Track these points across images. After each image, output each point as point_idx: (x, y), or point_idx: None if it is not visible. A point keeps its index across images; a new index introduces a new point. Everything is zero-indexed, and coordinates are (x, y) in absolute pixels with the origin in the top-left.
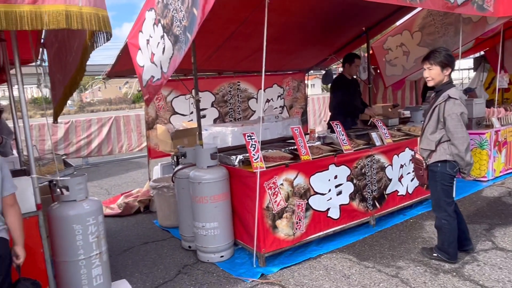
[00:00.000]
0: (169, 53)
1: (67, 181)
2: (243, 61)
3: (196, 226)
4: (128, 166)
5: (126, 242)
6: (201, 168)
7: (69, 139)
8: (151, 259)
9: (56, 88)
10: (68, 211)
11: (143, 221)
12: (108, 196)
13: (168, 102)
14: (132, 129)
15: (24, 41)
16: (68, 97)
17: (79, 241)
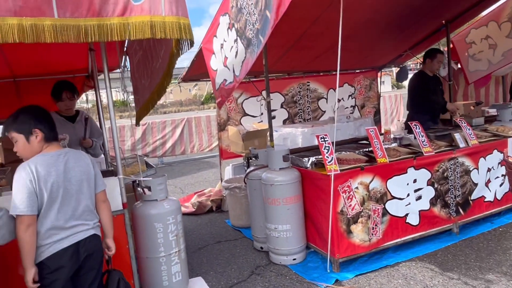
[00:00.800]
0: (242, 57)
1: (149, 181)
2: (313, 61)
3: (268, 227)
4: (199, 165)
5: (200, 240)
6: (273, 170)
7: (146, 140)
8: (224, 258)
9: (140, 93)
10: (150, 210)
11: (215, 220)
12: (182, 195)
13: (239, 104)
14: (203, 130)
15: (110, 50)
16: (155, 101)
17: (160, 239)
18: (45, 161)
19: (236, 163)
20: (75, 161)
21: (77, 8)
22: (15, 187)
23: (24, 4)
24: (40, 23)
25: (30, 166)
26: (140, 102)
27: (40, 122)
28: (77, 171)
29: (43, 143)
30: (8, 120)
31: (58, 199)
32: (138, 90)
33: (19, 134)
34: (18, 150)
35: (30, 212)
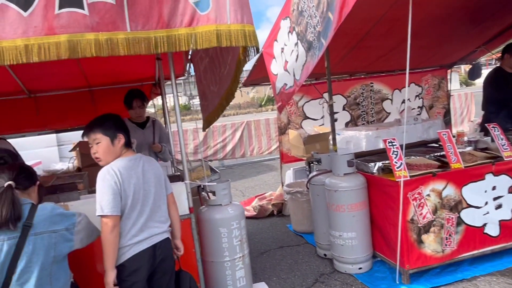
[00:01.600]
0: (302, 60)
1: (213, 186)
2: (377, 61)
3: (332, 234)
4: (259, 168)
5: (263, 245)
6: (337, 175)
7: (207, 143)
8: (287, 264)
9: (208, 99)
10: (215, 214)
11: (277, 225)
12: (243, 198)
13: (299, 107)
14: (262, 133)
15: (175, 58)
16: (224, 107)
17: (225, 243)
18: (126, 165)
19: (297, 167)
20: (149, 164)
21: (148, 21)
22: (101, 189)
23: (100, 20)
24: (114, 37)
25: (113, 169)
26: (209, 107)
27: (122, 129)
28: (151, 174)
29: (123, 148)
30: (94, 123)
31: (140, 201)
32: (207, 96)
33: (105, 137)
34: (100, 152)
35: (116, 213)
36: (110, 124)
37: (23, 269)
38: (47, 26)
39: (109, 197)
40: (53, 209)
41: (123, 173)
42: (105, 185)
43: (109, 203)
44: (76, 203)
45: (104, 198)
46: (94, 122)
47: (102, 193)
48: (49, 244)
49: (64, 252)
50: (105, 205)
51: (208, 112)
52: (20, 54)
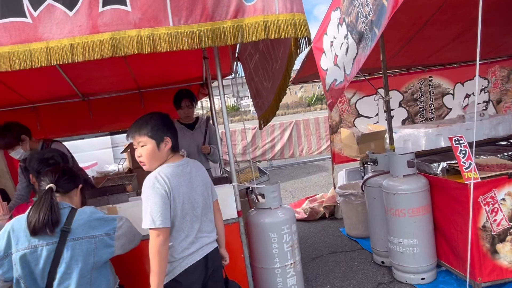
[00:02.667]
0: (353, 53)
1: (262, 188)
2: (437, 52)
3: (391, 241)
4: (309, 169)
5: (314, 249)
6: (396, 176)
7: (255, 144)
8: (341, 272)
9: (263, 96)
10: (264, 218)
11: (329, 228)
12: (292, 199)
13: (352, 104)
14: (312, 133)
15: (222, 57)
16: (278, 103)
17: (275, 249)
18: (174, 171)
19: (350, 168)
20: (197, 170)
21: (191, 14)
22: (149, 199)
23: (143, 16)
24: (156, 32)
25: (162, 176)
26: (265, 104)
27: (169, 131)
28: (199, 180)
29: (170, 152)
30: (138, 124)
31: (190, 210)
32: (261, 93)
33: (151, 140)
34: (144, 156)
35: (167, 225)
36: (157, 125)
37: (63, 275)
38: (91, 24)
39: (159, 208)
40: (92, 213)
41: (172, 180)
42: (154, 195)
43: (160, 214)
44: (125, 205)
45: (154, 208)
46: (139, 122)
47: (152, 203)
48: (88, 250)
49: (104, 258)
50: (156, 217)
51: (264, 110)
52: (66, 54)
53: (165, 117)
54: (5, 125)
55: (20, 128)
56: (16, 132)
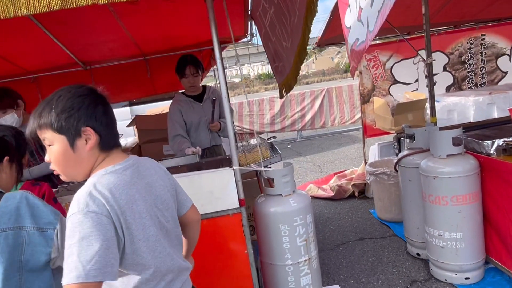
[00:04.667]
0: (379, 4)
1: (270, 172)
2: (492, 5)
3: (429, 233)
4: (340, 140)
5: (339, 234)
6: (437, 156)
7: (284, 113)
8: (369, 263)
9: (283, 58)
10: (273, 207)
11: (358, 209)
12: (320, 174)
13: (387, 69)
14: (345, 101)
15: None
16: (299, 65)
17: (286, 243)
18: (120, 180)
19: (383, 142)
20: (155, 172)
21: None
22: (76, 233)
23: None
24: None
25: (100, 192)
26: (286, 68)
27: (92, 116)
28: (159, 186)
29: (99, 151)
30: (38, 110)
31: (158, 235)
32: (280, 55)
33: (58, 135)
34: (53, 161)
35: (108, 277)
36: (66, 110)
37: None
38: None
39: (96, 248)
40: (22, 199)
41: (117, 196)
42: (89, 225)
43: (97, 259)
44: None
45: (85, 250)
46: (40, 107)
47: (81, 241)
48: (15, 245)
49: (40, 259)
50: (88, 263)
51: (285, 75)
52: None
53: (82, 93)
54: (2, 88)
55: (17, 93)
56: (13, 95)
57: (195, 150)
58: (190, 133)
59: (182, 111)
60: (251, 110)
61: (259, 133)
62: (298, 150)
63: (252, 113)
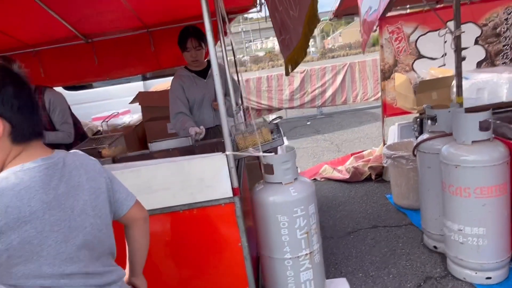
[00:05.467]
0: None
1: (269, 158)
2: None
3: (448, 226)
4: (362, 117)
5: (351, 220)
6: (461, 142)
7: (304, 89)
8: (380, 255)
9: (290, 30)
10: (271, 196)
11: (373, 193)
12: (338, 154)
13: (411, 42)
14: (368, 76)
15: None
16: (308, 37)
17: (284, 235)
18: (34, 180)
19: (404, 123)
20: (84, 172)
21: None
22: None
23: None
24: None
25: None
26: (293, 41)
27: (0, 100)
28: (88, 190)
29: (10, 143)
30: None
31: (75, 252)
32: (287, 27)
33: None
34: None
35: None
36: None
37: None
38: None
39: None
40: None
41: (27, 201)
42: None
43: None
44: None
45: None
46: None
47: None
48: None
49: None
50: None
51: (292, 49)
52: None
53: None
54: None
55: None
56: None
57: (199, 130)
58: (192, 111)
59: (184, 87)
60: (269, 85)
61: (278, 109)
62: (316, 127)
63: (270, 88)
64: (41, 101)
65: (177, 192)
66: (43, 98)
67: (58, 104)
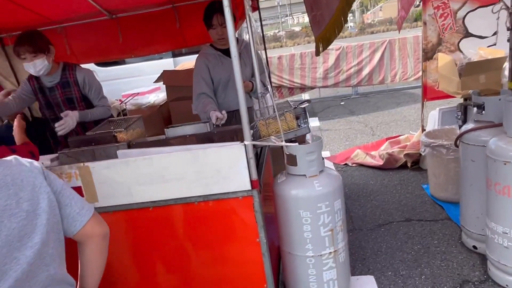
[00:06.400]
0: None
1: (293, 148)
2: None
3: (490, 227)
4: (400, 98)
5: (383, 212)
6: (511, 136)
7: (339, 67)
8: (413, 252)
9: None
10: (293, 189)
11: (408, 183)
12: (372, 137)
13: (458, 19)
14: (408, 54)
15: None
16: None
17: (307, 232)
18: None
19: (446, 108)
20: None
21: None
22: None
23: None
24: None
25: None
26: (325, 17)
27: None
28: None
29: None
30: None
31: None
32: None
33: None
34: None
35: None
36: None
37: None
38: None
39: None
40: None
41: None
42: None
43: None
44: (101, 164)
45: None
46: None
47: None
48: None
49: None
50: None
51: (324, 26)
52: None
53: None
54: (35, 31)
55: (48, 39)
56: (45, 39)
57: (220, 115)
58: (217, 92)
59: (209, 66)
60: (303, 62)
61: (311, 88)
62: (351, 108)
63: (304, 66)
64: (72, 78)
65: (191, 182)
66: (74, 75)
67: (92, 81)
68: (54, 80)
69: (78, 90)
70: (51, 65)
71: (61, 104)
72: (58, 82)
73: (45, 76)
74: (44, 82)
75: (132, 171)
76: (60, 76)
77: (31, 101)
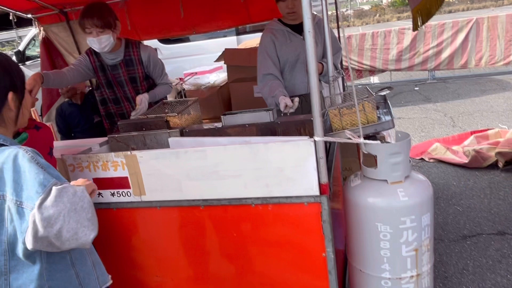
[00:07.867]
0: None
1: (373, 146)
2: None
3: None
4: (485, 85)
5: (469, 220)
6: None
7: (415, 48)
8: (508, 275)
9: None
10: (372, 197)
11: (500, 186)
12: (452, 129)
13: None
14: (498, 36)
15: None
16: None
17: (385, 250)
18: None
19: None
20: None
21: None
22: None
23: None
24: None
25: None
26: None
27: None
28: None
29: None
30: None
31: None
32: None
33: None
34: None
35: None
36: None
37: None
38: None
39: None
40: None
41: None
42: None
43: None
44: (150, 154)
45: None
46: None
47: None
48: None
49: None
50: None
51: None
52: None
53: None
54: (104, 3)
55: (116, 14)
56: (114, 15)
57: (290, 102)
58: (283, 74)
59: (276, 43)
60: (374, 43)
61: (381, 71)
62: (426, 94)
63: (375, 47)
64: (137, 55)
65: (249, 181)
66: (139, 53)
67: (156, 60)
68: (117, 58)
69: (141, 68)
70: (115, 42)
71: (124, 84)
72: (121, 59)
73: (108, 53)
74: (105, 60)
75: (183, 163)
76: (123, 53)
77: (87, 76)
